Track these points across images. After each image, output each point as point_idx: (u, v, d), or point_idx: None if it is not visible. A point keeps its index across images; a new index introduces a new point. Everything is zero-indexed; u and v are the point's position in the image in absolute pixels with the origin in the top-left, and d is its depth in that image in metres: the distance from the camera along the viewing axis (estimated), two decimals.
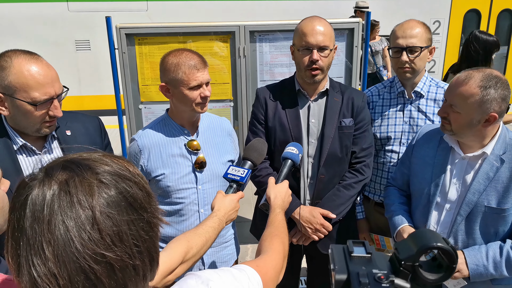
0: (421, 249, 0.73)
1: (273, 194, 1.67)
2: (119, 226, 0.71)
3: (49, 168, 0.75)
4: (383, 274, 0.74)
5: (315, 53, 2.20)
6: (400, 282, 0.74)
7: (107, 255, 0.69)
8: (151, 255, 0.77)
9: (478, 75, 1.85)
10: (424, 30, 2.43)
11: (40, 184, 0.71)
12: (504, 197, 1.91)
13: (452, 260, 0.75)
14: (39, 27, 7.53)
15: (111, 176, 0.75)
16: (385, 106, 2.61)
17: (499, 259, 1.90)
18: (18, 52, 1.70)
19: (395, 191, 2.35)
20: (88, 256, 0.68)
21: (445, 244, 0.74)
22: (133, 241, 0.73)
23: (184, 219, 2.14)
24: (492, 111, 1.84)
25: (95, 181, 0.72)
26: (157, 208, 0.82)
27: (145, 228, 0.76)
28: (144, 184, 0.80)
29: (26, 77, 1.65)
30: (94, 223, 0.69)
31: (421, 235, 0.76)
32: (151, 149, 2.09)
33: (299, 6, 7.88)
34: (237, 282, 1.03)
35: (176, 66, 1.97)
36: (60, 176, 0.72)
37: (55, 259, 0.67)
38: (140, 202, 0.76)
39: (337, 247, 0.84)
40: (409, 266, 0.74)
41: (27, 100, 1.67)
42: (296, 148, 1.88)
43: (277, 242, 1.39)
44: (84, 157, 0.78)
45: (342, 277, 0.76)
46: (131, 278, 0.73)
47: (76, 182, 0.71)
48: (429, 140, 2.18)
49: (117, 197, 0.73)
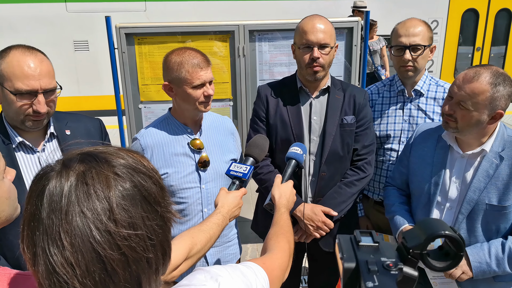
0: (429, 237, 0.74)
1: (277, 193, 1.68)
2: (134, 219, 0.72)
3: (67, 160, 0.76)
4: (392, 262, 0.75)
5: (316, 50, 2.21)
6: (409, 270, 0.75)
7: (122, 246, 0.70)
8: (163, 249, 0.79)
9: (487, 72, 1.84)
10: (426, 28, 2.44)
11: (58, 175, 0.72)
12: (505, 194, 1.91)
13: (460, 248, 0.76)
14: (37, 28, 7.52)
15: (126, 169, 0.76)
16: (385, 104, 2.62)
17: (502, 256, 1.91)
18: (21, 46, 1.74)
19: (395, 191, 2.35)
20: (105, 246, 0.69)
21: (452, 232, 0.74)
22: (147, 234, 0.74)
23: (188, 219, 2.13)
24: (499, 108, 1.85)
25: (111, 174, 0.73)
26: (170, 202, 0.83)
27: (159, 222, 0.77)
28: (158, 179, 0.81)
29: (14, 66, 1.68)
30: (111, 215, 0.70)
31: (429, 224, 0.77)
32: (154, 148, 2.08)
33: (299, 6, 7.89)
34: (245, 278, 1.04)
35: (180, 65, 1.96)
36: (78, 168, 0.73)
37: (72, 249, 0.68)
38: (154, 196, 0.77)
39: (345, 237, 0.84)
40: (417, 254, 0.75)
41: (11, 89, 1.69)
42: (300, 148, 1.88)
43: (283, 241, 1.40)
44: (100, 150, 0.79)
45: (351, 265, 0.76)
46: (144, 271, 0.74)
47: (93, 174, 0.72)
48: (426, 138, 2.18)
49: (132, 190, 0.74)
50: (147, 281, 0.75)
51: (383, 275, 0.73)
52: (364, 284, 0.71)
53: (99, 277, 0.69)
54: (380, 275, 0.73)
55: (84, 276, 0.68)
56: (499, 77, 1.83)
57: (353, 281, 0.76)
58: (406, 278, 0.75)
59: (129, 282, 0.72)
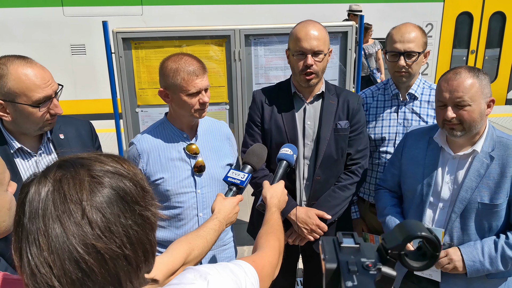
0: (406, 238, 0.77)
1: (269, 194, 1.72)
2: (109, 218, 0.76)
3: (46, 169, 0.81)
4: (371, 262, 0.78)
5: (310, 58, 2.22)
6: (387, 270, 0.78)
7: (97, 245, 0.74)
8: (144, 247, 0.82)
9: (463, 69, 1.93)
10: (421, 34, 2.46)
11: (37, 183, 0.78)
12: (496, 193, 1.96)
13: (436, 249, 0.79)
14: (34, 32, 7.52)
15: (103, 172, 0.80)
16: (379, 108, 2.65)
17: (495, 255, 1.95)
18: (12, 58, 1.76)
19: (386, 193, 2.37)
20: (79, 246, 0.73)
21: (429, 233, 0.78)
22: (123, 232, 0.77)
23: (183, 223, 2.14)
24: (489, 95, 1.93)
25: (87, 178, 0.78)
26: (153, 202, 0.87)
27: (137, 221, 0.80)
28: (138, 180, 0.85)
29: (25, 81, 1.72)
30: (84, 216, 0.75)
31: (407, 226, 0.80)
32: (150, 153, 2.09)
33: (294, 10, 7.92)
34: (234, 276, 1.06)
35: (175, 72, 1.96)
36: (55, 175, 0.78)
37: (49, 250, 0.73)
38: (132, 196, 0.81)
39: (327, 238, 0.87)
40: (395, 254, 0.79)
41: (29, 103, 1.74)
42: (290, 149, 1.92)
43: (273, 239, 1.43)
44: (80, 156, 0.84)
45: (332, 266, 0.79)
46: (123, 268, 0.78)
47: (69, 179, 0.77)
48: (417, 140, 2.21)
49: (108, 191, 0.78)
50: (127, 278, 0.79)
51: (362, 275, 0.76)
52: (344, 284, 0.73)
53: (76, 276, 0.73)
54: (360, 275, 0.75)
55: (61, 276, 0.73)
56: (474, 70, 1.93)
57: (334, 281, 0.79)
58: (385, 278, 0.78)
59: (108, 280, 0.76)
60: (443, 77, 1.98)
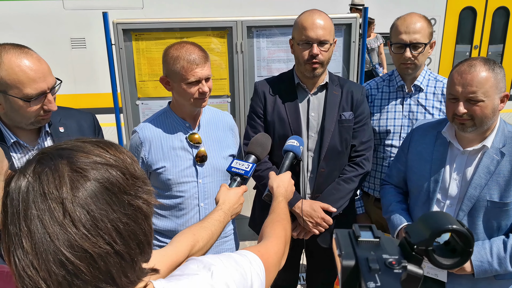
0: (434, 232, 0.69)
1: (275, 183, 1.67)
2: (94, 214, 0.71)
3: (26, 164, 0.75)
4: (395, 259, 0.69)
5: (315, 47, 2.19)
6: (413, 268, 0.69)
7: (83, 245, 0.69)
8: (137, 238, 0.77)
9: (478, 61, 1.84)
10: (426, 24, 2.40)
11: (16, 180, 0.73)
12: (506, 191, 1.89)
13: (469, 244, 0.70)
14: (34, 25, 7.48)
15: (85, 164, 0.74)
16: (384, 99, 2.60)
17: (504, 255, 1.89)
18: (8, 46, 1.65)
19: (391, 189, 2.32)
20: (63, 248, 0.68)
21: (460, 226, 0.69)
22: (112, 227, 0.72)
23: (184, 213, 2.12)
24: (504, 89, 1.86)
25: (67, 172, 0.72)
26: (146, 188, 0.81)
27: (127, 212, 0.75)
28: (127, 166, 0.79)
29: (17, 73, 1.60)
30: (66, 215, 0.69)
31: (434, 218, 0.71)
32: (152, 142, 2.07)
33: (296, 2, 7.86)
34: (239, 266, 1.02)
35: (176, 60, 1.94)
36: (34, 171, 0.73)
37: (33, 252, 0.69)
38: (119, 186, 0.75)
39: (342, 231, 0.77)
40: (422, 250, 0.70)
41: (20, 96, 1.62)
42: (297, 140, 1.87)
43: (279, 228, 1.38)
44: (61, 147, 0.78)
45: (350, 263, 0.70)
46: (115, 265, 0.73)
47: (48, 175, 0.72)
48: (424, 135, 2.15)
49: (92, 184, 0.73)
50: (120, 274, 0.74)
51: (386, 274, 0.67)
52: (365, 284, 0.64)
53: (62, 278, 0.69)
54: (382, 274, 0.66)
55: (47, 278, 0.69)
56: (490, 62, 1.84)
57: (352, 280, 0.70)
58: (411, 277, 0.69)
59: (100, 278, 0.71)
60: (457, 68, 1.89)
